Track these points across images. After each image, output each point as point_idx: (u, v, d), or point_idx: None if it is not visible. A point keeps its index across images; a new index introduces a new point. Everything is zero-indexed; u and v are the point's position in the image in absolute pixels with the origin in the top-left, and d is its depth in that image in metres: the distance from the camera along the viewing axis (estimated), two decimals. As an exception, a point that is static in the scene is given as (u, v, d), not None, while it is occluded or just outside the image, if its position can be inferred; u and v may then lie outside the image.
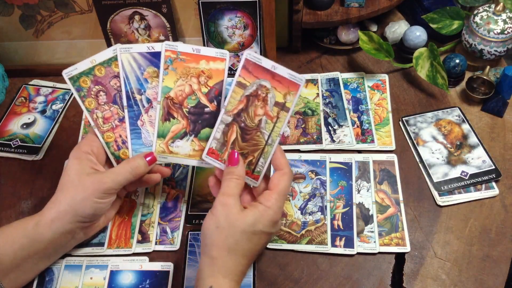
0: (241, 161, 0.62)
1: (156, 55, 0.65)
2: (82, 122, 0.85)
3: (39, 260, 0.64)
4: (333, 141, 0.80)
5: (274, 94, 0.61)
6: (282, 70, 0.60)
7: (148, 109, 0.67)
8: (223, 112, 0.62)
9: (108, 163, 0.68)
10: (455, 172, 0.75)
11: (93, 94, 0.66)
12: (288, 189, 0.62)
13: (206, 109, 0.65)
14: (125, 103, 0.66)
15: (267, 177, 0.64)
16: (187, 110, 0.65)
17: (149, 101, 0.66)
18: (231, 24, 0.84)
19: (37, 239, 0.62)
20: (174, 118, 0.65)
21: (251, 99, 0.62)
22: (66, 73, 0.65)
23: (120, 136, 0.67)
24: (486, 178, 0.75)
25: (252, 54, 0.61)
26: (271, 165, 0.63)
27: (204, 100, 0.65)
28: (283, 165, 0.62)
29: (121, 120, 0.67)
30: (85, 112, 0.66)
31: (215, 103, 0.65)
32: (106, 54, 0.66)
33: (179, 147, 0.66)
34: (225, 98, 0.63)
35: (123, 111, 0.67)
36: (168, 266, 0.68)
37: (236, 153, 0.62)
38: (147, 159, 0.65)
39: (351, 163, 0.77)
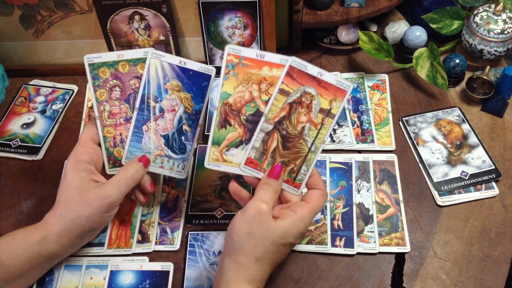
0: (282, 177, 0.61)
1: (185, 71, 0.64)
2: (82, 122, 0.85)
3: (44, 268, 0.65)
4: (333, 141, 0.80)
5: (320, 100, 0.60)
6: (328, 77, 0.59)
7: (158, 118, 0.66)
8: (263, 120, 0.61)
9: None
10: (455, 172, 0.75)
11: (108, 86, 0.65)
12: (320, 210, 0.61)
13: None
14: (137, 105, 0.65)
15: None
16: (245, 117, 0.62)
17: (161, 111, 0.65)
18: (231, 24, 0.84)
19: (43, 254, 0.62)
20: (230, 125, 0.62)
21: (294, 106, 0.60)
22: (88, 58, 0.64)
23: (121, 134, 0.67)
24: (486, 178, 0.75)
25: (297, 60, 0.60)
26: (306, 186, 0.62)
27: (263, 108, 0.62)
28: (321, 185, 0.62)
29: (127, 120, 0.66)
30: (94, 101, 0.65)
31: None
32: (135, 53, 0.65)
33: (234, 155, 0.63)
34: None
35: (132, 111, 0.66)
36: (168, 266, 0.68)
37: (279, 167, 0.60)
38: (142, 162, 0.65)
39: (351, 163, 0.77)
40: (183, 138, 0.67)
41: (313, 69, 0.60)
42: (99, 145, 0.66)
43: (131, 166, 0.64)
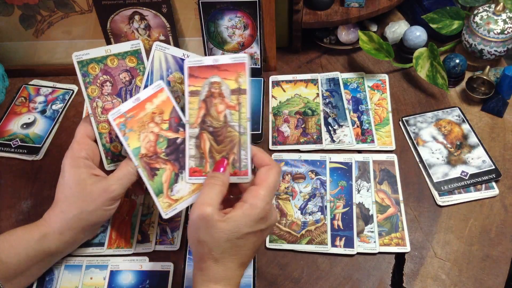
0: (228, 169, 0.60)
1: None
2: (82, 122, 0.85)
3: (43, 266, 0.65)
4: (333, 141, 0.80)
5: (227, 84, 0.60)
6: (224, 59, 0.60)
7: None
8: (188, 127, 0.61)
9: (101, 163, 0.67)
10: (455, 172, 0.75)
11: (98, 82, 0.65)
12: (278, 182, 0.58)
13: (178, 140, 0.63)
14: None
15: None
16: (164, 154, 0.63)
17: None
18: (231, 24, 0.84)
19: (43, 251, 0.62)
20: (158, 170, 0.63)
21: (208, 100, 0.61)
22: (76, 56, 0.64)
23: None
24: (486, 178, 0.75)
25: (191, 59, 0.61)
26: (255, 167, 0.61)
27: (171, 135, 0.63)
28: (267, 160, 0.59)
29: None
30: (86, 99, 0.65)
31: (182, 129, 0.63)
32: (123, 46, 0.65)
33: (180, 190, 0.63)
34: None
35: None
36: (168, 266, 0.68)
37: (225, 161, 0.60)
38: None
39: (351, 163, 0.77)
40: None
41: (208, 60, 0.61)
42: (95, 141, 0.66)
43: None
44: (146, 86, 0.65)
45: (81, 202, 0.61)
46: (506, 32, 0.82)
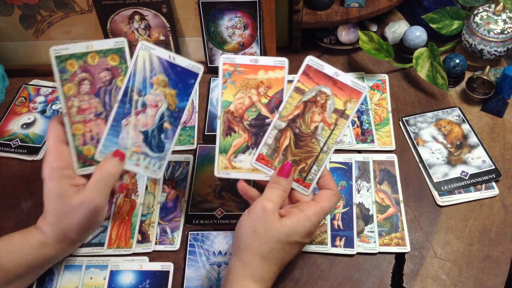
0: (292, 175, 0.61)
1: (174, 66, 0.63)
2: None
3: (42, 270, 0.65)
4: (333, 141, 0.80)
5: (334, 101, 0.60)
6: (344, 77, 0.60)
7: (139, 112, 0.63)
8: (277, 117, 0.61)
9: None
10: (455, 172, 0.75)
11: (76, 80, 0.61)
12: (331, 210, 0.61)
13: (267, 120, 0.63)
14: (119, 97, 0.62)
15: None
16: (248, 123, 0.63)
17: (144, 105, 0.63)
18: (231, 24, 0.84)
19: (43, 258, 0.61)
20: (235, 132, 0.63)
21: (308, 105, 0.61)
22: (55, 50, 0.60)
23: (91, 131, 0.62)
24: (486, 178, 0.75)
25: (314, 60, 0.61)
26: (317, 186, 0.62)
27: (264, 111, 0.63)
28: (332, 186, 0.61)
29: (98, 115, 0.62)
30: (61, 97, 0.61)
31: (276, 112, 0.63)
32: (106, 43, 0.62)
33: (242, 161, 0.63)
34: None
35: (104, 105, 0.63)
36: (168, 266, 0.68)
37: (290, 165, 0.61)
38: (117, 157, 0.62)
39: (351, 163, 0.77)
40: (162, 136, 0.64)
41: (329, 69, 0.60)
42: (66, 144, 0.62)
43: (107, 163, 0.61)
44: (127, 88, 0.62)
45: (66, 216, 0.59)
46: (506, 32, 0.82)
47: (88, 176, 0.62)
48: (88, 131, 0.62)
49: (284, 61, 0.63)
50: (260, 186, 0.63)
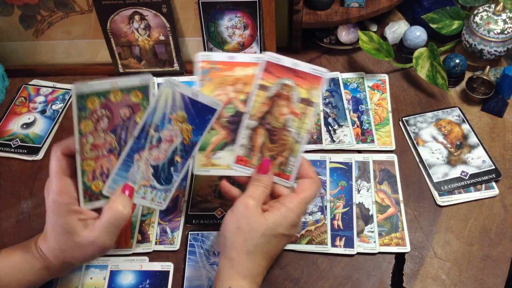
0: (271, 171, 0.62)
1: (195, 103, 0.60)
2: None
3: (42, 284, 0.63)
4: (333, 141, 0.80)
5: (298, 90, 0.61)
6: (304, 66, 0.60)
7: (153, 147, 0.61)
8: (246, 117, 0.62)
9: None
10: (455, 172, 0.75)
11: (94, 118, 0.58)
12: (313, 198, 0.61)
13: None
14: (136, 133, 0.60)
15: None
16: (226, 119, 0.63)
17: (159, 140, 0.61)
18: (231, 24, 0.84)
19: (45, 277, 0.61)
20: (213, 129, 0.63)
21: (274, 99, 0.62)
22: (77, 88, 0.57)
23: (101, 166, 0.60)
24: (486, 178, 0.75)
25: (271, 55, 0.61)
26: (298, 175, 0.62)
27: (242, 108, 0.63)
28: (312, 174, 0.62)
29: (111, 151, 0.60)
30: (76, 133, 0.58)
31: (245, 113, 0.63)
32: (131, 81, 0.59)
33: (221, 158, 0.63)
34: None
35: (118, 142, 0.60)
36: (168, 266, 0.68)
37: (268, 162, 0.61)
38: (127, 192, 0.60)
39: (351, 163, 0.77)
40: (172, 168, 0.63)
41: (288, 61, 0.61)
42: (70, 176, 0.59)
43: (117, 203, 0.58)
44: (145, 124, 0.60)
45: (73, 250, 0.58)
46: (506, 32, 0.82)
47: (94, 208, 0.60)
48: (99, 167, 0.60)
49: (259, 57, 0.62)
50: (242, 186, 0.63)
